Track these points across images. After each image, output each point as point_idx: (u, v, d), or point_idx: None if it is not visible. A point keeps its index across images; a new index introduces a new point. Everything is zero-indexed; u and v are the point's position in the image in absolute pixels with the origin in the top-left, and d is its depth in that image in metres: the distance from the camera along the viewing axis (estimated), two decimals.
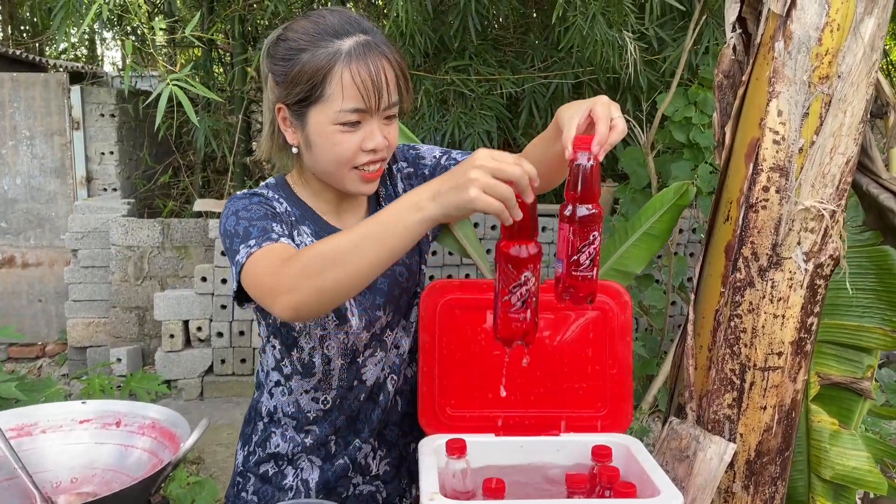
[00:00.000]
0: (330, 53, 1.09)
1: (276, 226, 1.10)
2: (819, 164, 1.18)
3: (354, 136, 1.12)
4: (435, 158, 1.32)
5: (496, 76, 4.40)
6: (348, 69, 1.08)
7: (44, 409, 1.22)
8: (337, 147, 1.12)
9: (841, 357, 1.39)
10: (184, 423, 1.16)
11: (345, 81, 1.08)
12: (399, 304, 1.28)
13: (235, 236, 1.09)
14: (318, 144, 1.13)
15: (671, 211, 1.47)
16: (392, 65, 1.12)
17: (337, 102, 1.09)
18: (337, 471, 1.27)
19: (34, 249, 5.25)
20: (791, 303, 1.22)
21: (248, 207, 1.13)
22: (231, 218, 1.13)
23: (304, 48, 1.11)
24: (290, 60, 1.11)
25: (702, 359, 1.32)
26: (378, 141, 1.13)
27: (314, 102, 1.11)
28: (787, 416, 1.28)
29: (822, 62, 1.16)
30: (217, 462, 3.58)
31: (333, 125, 1.11)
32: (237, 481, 1.31)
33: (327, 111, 1.10)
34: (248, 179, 5.50)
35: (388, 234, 0.94)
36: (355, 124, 1.11)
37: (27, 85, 5.14)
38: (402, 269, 1.28)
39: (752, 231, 1.23)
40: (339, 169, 1.14)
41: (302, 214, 1.22)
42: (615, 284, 1.26)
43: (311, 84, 1.09)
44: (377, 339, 1.26)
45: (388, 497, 1.32)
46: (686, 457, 1.29)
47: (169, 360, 4.40)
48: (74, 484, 1.16)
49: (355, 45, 1.09)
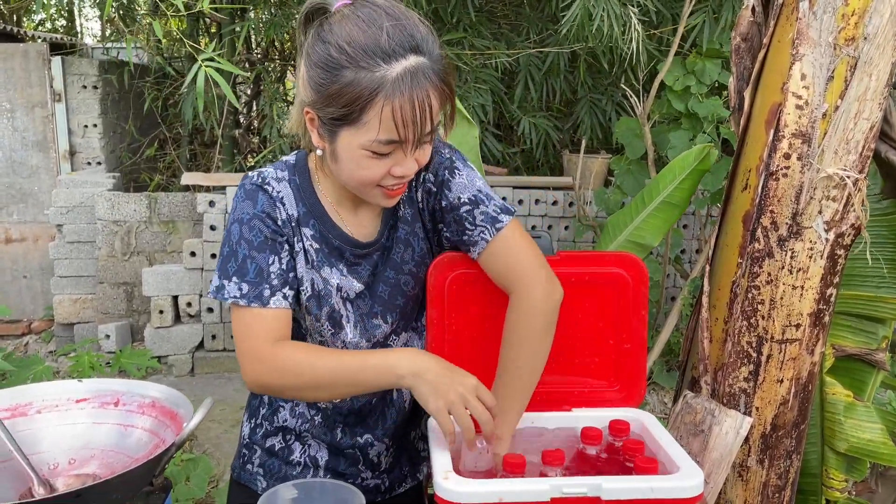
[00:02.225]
0: (375, 81, 0.96)
1: (273, 265, 1.10)
2: (843, 130, 1.14)
3: (384, 162, 1.03)
4: (458, 201, 1.16)
5: (491, 49, 4.32)
6: (391, 103, 0.97)
7: (39, 388, 1.17)
8: (364, 171, 1.04)
9: (856, 328, 1.37)
10: (186, 403, 1.11)
11: (384, 115, 0.97)
12: (405, 312, 1.22)
13: (233, 256, 1.10)
14: (344, 161, 1.05)
15: (691, 176, 1.38)
16: (439, 90, 1.00)
17: (372, 133, 0.99)
18: (348, 458, 1.25)
19: (17, 225, 5.15)
20: (811, 273, 1.19)
21: (252, 224, 1.10)
22: (234, 226, 1.11)
23: (346, 65, 0.97)
24: (328, 73, 0.99)
25: (717, 331, 1.29)
26: (409, 168, 1.05)
27: (347, 125, 1.01)
28: (803, 389, 1.25)
29: (848, 23, 1.11)
30: (210, 439, 3.55)
31: (363, 150, 1.02)
32: (243, 453, 1.28)
33: (360, 137, 1.01)
34: (237, 153, 5.41)
35: (364, 383, 1.06)
36: (387, 154, 1.03)
37: (6, 56, 4.99)
38: (406, 279, 1.20)
39: (771, 200, 1.19)
40: (363, 186, 1.07)
41: (308, 212, 1.14)
42: (631, 256, 1.22)
43: (348, 109, 0.99)
44: (382, 346, 1.22)
45: (390, 485, 1.30)
46: (701, 431, 1.26)
47: (159, 337, 4.34)
48: (73, 465, 1.12)
49: (403, 74, 0.96)
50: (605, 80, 4.73)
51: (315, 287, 1.14)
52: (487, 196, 1.16)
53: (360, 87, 0.97)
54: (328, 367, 1.06)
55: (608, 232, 1.49)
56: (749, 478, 1.28)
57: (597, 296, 1.22)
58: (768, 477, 1.28)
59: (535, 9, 4.63)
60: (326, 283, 1.14)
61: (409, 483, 1.32)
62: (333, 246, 1.16)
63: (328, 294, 1.14)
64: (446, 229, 1.18)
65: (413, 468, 1.33)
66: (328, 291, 1.14)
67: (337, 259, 1.16)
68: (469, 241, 1.16)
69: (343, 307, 1.17)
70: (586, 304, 1.23)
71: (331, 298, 1.15)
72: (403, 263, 1.19)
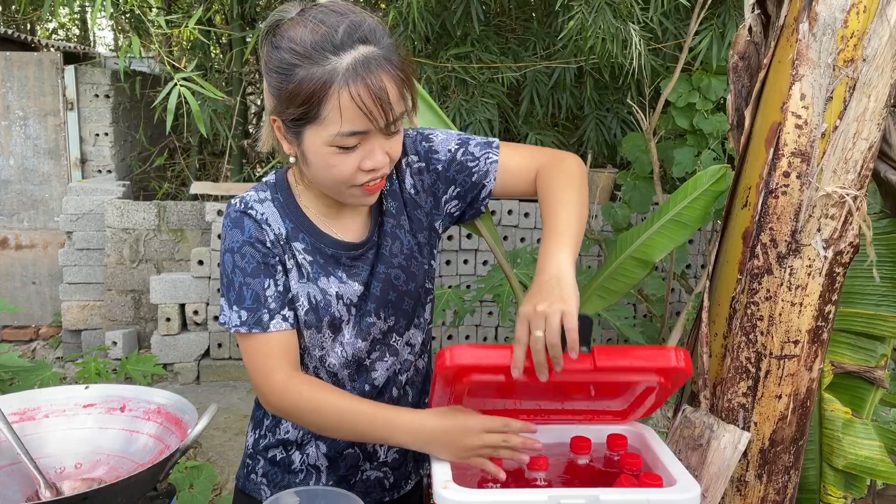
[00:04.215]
0: (326, 73, 0.98)
1: (269, 289, 1.12)
2: (842, 150, 1.16)
3: (352, 157, 1.04)
4: (450, 153, 1.22)
5: (498, 64, 4.36)
6: (346, 90, 0.98)
7: (46, 392, 1.20)
8: (334, 169, 1.05)
9: (855, 346, 1.37)
10: (191, 409, 1.13)
11: (343, 104, 0.99)
12: (399, 307, 1.22)
13: (230, 285, 1.13)
14: (314, 163, 1.07)
15: (705, 197, 1.36)
16: (395, 76, 1.01)
17: (334, 126, 1.00)
18: (347, 459, 1.26)
19: (28, 231, 5.20)
20: (809, 290, 1.21)
21: (242, 251, 1.12)
22: (227, 256, 1.14)
23: (298, 63, 1.00)
24: (283, 75, 1.01)
25: (716, 346, 1.30)
26: (378, 160, 1.05)
27: (309, 122, 1.02)
28: (801, 405, 1.26)
29: (847, 45, 1.13)
30: (214, 447, 3.56)
31: (329, 146, 1.03)
32: (247, 462, 1.30)
33: (323, 133, 1.02)
34: (246, 163, 5.45)
35: (370, 436, 1.11)
36: (353, 147, 1.03)
37: (20, 64, 5.06)
38: (397, 273, 1.20)
39: (771, 217, 1.20)
40: (337, 186, 1.09)
41: (296, 227, 1.16)
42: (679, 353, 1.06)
43: (307, 106, 1.00)
44: (382, 344, 1.22)
45: (395, 482, 1.31)
46: (699, 445, 1.27)
47: (165, 344, 4.37)
48: (79, 469, 1.14)
49: (354, 62, 0.98)
50: (611, 96, 4.75)
51: (312, 300, 1.15)
52: (469, 136, 1.24)
53: (312, 81, 0.99)
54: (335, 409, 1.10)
55: (617, 248, 1.50)
56: (747, 493, 1.29)
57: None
58: (766, 492, 1.28)
59: (542, 24, 4.67)
60: (325, 294, 1.16)
61: (413, 479, 1.34)
62: (328, 255, 1.17)
63: (327, 304, 1.16)
64: (454, 187, 1.22)
65: (418, 466, 1.34)
66: (327, 301, 1.16)
67: (334, 267, 1.17)
68: (479, 175, 1.21)
69: (345, 312, 1.18)
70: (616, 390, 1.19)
71: (330, 307, 1.16)
72: (392, 257, 1.20)
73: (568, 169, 1.20)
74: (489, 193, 1.23)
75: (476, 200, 1.25)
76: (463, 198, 1.24)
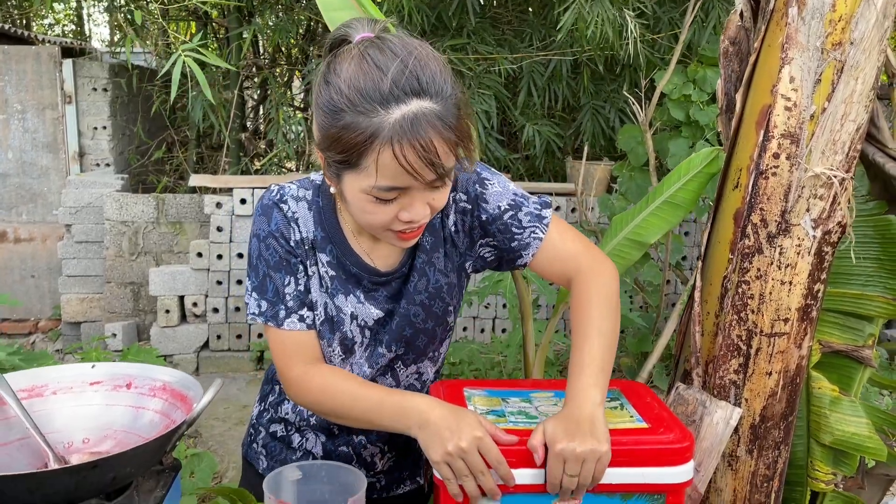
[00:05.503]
0: (372, 126, 0.91)
1: (288, 286, 1.13)
2: (830, 131, 1.19)
3: (390, 207, 0.99)
4: (498, 210, 1.15)
5: (494, 55, 4.38)
6: (389, 149, 0.91)
7: (54, 370, 1.22)
8: (369, 215, 1.01)
9: (843, 325, 1.41)
10: (196, 385, 1.15)
11: (381, 162, 0.93)
12: (411, 343, 1.20)
13: (255, 271, 1.14)
14: (352, 205, 1.03)
15: (697, 178, 1.39)
16: (446, 136, 0.93)
17: (371, 179, 0.95)
18: (341, 456, 1.26)
19: (26, 225, 5.21)
20: (798, 269, 1.24)
21: (267, 242, 1.12)
22: (253, 241, 1.14)
23: (344, 109, 0.93)
24: (329, 116, 0.96)
25: (709, 325, 1.33)
26: (417, 213, 1.00)
27: (349, 169, 0.98)
28: (791, 382, 1.30)
29: (835, 28, 1.16)
30: (214, 436, 3.59)
31: (366, 195, 0.98)
32: (250, 432, 1.34)
33: (361, 182, 0.97)
34: (244, 156, 5.47)
35: (378, 423, 1.07)
36: (393, 199, 0.98)
37: (18, 58, 5.07)
38: (417, 310, 1.17)
39: (761, 198, 1.24)
40: (372, 229, 1.05)
41: (326, 237, 1.13)
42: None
43: (347, 154, 0.95)
44: (387, 368, 1.22)
45: (387, 485, 1.30)
46: (692, 421, 1.30)
47: (164, 336, 4.39)
48: (87, 444, 1.16)
49: (403, 118, 0.91)
50: (607, 87, 4.78)
51: (328, 312, 1.15)
52: (524, 196, 1.16)
53: (356, 131, 0.93)
54: (349, 396, 1.08)
55: (611, 230, 1.53)
56: (739, 467, 1.32)
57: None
58: (757, 466, 1.32)
59: (538, 15, 4.69)
60: (339, 311, 1.15)
61: (408, 486, 1.32)
62: (351, 273, 1.15)
63: (341, 322, 1.15)
64: (492, 240, 1.17)
65: (414, 472, 1.32)
66: (341, 319, 1.15)
67: (354, 286, 1.15)
68: (520, 245, 1.15)
69: (359, 334, 1.17)
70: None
71: (343, 326, 1.15)
72: (416, 294, 1.17)
73: (606, 289, 1.11)
74: (524, 265, 1.18)
75: (511, 263, 1.20)
76: (498, 254, 1.19)
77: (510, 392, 1.21)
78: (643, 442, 1.03)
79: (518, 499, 1.02)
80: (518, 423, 1.07)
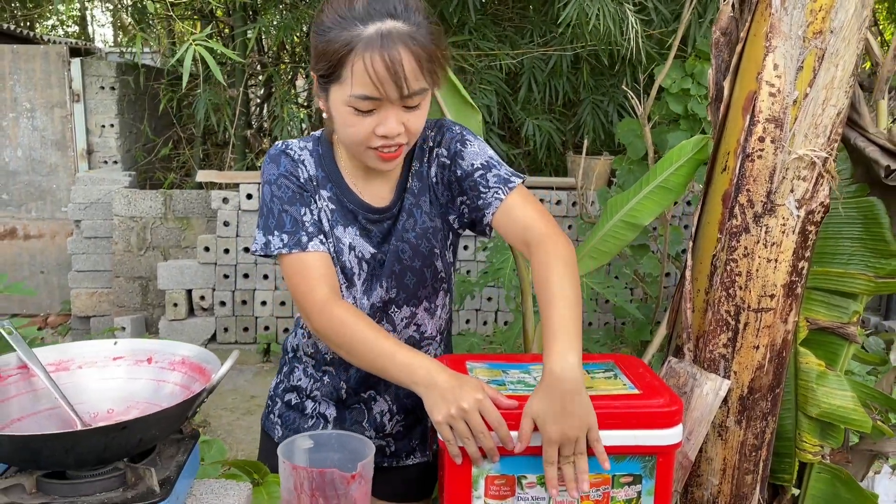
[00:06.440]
0: (349, 38, 1.08)
1: (305, 216, 1.22)
2: (812, 116, 1.25)
3: (367, 121, 1.13)
4: (471, 167, 1.25)
5: (495, 51, 4.45)
6: (361, 58, 1.07)
7: (78, 346, 1.29)
8: (350, 128, 1.14)
9: (828, 303, 1.47)
10: (214, 359, 1.22)
11: (356, 69, 1.08)
12: (402, 282, 1.27)
13: (270, 214, 1.22)
14: (336, 120, 1.17)
15: (688, 164, 1.46)
16: (415, 53, 1.08)
17: (348, 88, 1.10)
18: (353, 412, 1.33)
19: (35, 221, 5.30)
20: (784, 247, 1.30)
21: (279, 182, 1.23)
22: (266, 188, 1.24)
23: (331, 27, 1.11)
24: (319, 34, 1.13)
25: (699, 302, 1.40)
26: (391, 128, 1.12)
27: (333, 81, 1.13)
28: (778, 355, 1.36)
29: (816, 18, 1.23)
30: (223, 426, 3.67)
31: (347, 106, 1.12)
32: (268, 403, 1.42)
33: (341, 93, 1.12)
34: (249, 152, 5.54)
35: (387, 371, 1.13)
36: (369, 111, 1.12)
37: (27, 57, 5.15)
38: (404, 247, 1.26)
39: (748, 180, 1.30)
40: (355, 146, 1.17)
41: (326, 177, 1.26)
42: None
43: (330, 64, 1.11)
44: (381, 312, 1.29)
45: (396, 451, 1.37)
46: (684, 393, 1.37)
47: (172, 329, 4.47)
48: (111, 414, 1.23)
49: (375, 34, 1.07)
50: (607, 82, 4.85)
51: (331, 243, 1.25)
52: (498, 162, 1.26)
53: (337, 43, 1.09)
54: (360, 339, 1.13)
55: (606, 213, 1.60)
56: (728, 437, 1.39)
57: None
58: (745, 436, 1.38)
59: (538, 11, 4.75)
60: (339, 242, 1.25)
61: (417, 457, 1.39)
62: (348, 209, 1.26)
63: (340, 251, 1.25)
64: (465, 198, 1.26)
65: (423, 443, 1.38)
66: (340, 249, 1.25)
67: (351, 222, 1.26)
68: (484, 203, 1.22)
69: (357, 266, 1.26)
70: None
71: (343, 256, 1.25)
72: (405, 232, 1.27)
73: (564, 254, 1.15)
74: (488, 224, 1.24)
75: (479, 222, 1.27)
76: (470, 211, 1.27)
77: (510, 365, 1.28)
78: (634, 406, 1.10)
79: (516, 460, 1.09)
80: (518, 390, 1.14)
